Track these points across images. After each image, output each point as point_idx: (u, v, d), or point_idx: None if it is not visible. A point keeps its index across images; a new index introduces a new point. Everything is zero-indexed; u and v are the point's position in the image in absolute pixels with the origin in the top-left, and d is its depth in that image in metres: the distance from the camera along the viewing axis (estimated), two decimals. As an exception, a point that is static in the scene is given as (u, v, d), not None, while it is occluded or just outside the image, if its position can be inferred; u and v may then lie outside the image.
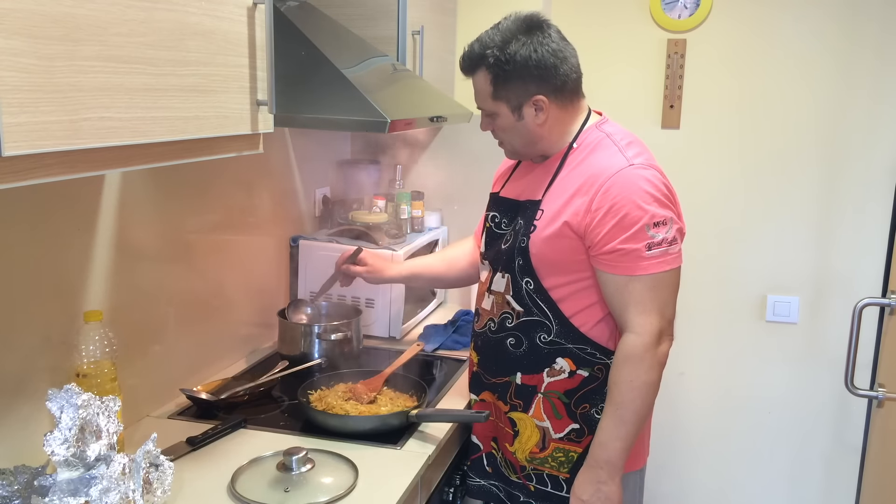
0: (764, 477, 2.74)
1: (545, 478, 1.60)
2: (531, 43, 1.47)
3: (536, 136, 1.54)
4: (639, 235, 1.42)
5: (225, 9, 1.15)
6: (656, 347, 1.46)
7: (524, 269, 1.53)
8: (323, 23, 1.90)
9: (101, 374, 1.39)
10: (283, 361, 1.91)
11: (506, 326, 1.58)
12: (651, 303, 1.45)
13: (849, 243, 2.54)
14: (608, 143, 1.51)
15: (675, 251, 1.46)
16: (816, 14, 2.45)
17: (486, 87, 1.51)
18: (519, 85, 1.49)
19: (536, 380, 1.57)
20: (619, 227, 1.43)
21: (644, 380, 1.45)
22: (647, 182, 1.45)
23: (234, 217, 1.97)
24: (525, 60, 1.46)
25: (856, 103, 2.47)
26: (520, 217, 1.57)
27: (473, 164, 2.52)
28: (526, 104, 1.50)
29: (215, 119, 1.15)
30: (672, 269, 1.46)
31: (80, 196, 1.46)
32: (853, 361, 2.20)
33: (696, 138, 2.62)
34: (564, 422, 1.57)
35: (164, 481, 1.23)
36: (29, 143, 0.82)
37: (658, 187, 1.46)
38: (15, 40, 0.79)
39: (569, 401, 1.56)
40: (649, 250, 1.43)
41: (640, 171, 1.46)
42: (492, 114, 1.55)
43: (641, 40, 2.61)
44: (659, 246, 1.43)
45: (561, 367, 1.55)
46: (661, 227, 1.44)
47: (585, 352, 1.53)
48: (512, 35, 1.48)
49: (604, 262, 1.46)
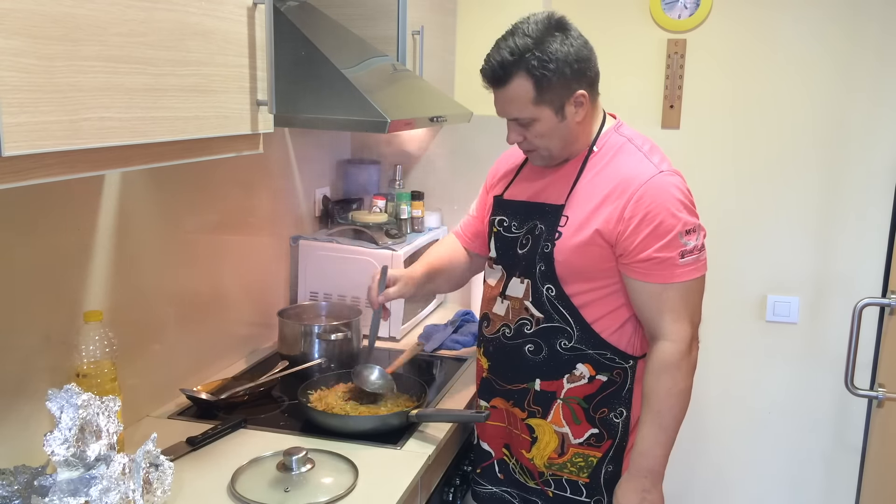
0: (764, 477, 2.74)
1: (564, 483, 1.59)
2: (567, 39, 1.43)
3: (573, 136, 1.50)
4: (673, 244, 1.43)
5: (225, 9, 1.15)
6: (690, 354, 1.48)
7: (546, 276, 1.51)
8: (323, 23, 1.90)
9: (101, 374, 1.39)
10: (283, 361, 1.91)
11: (524, 333, 1.56)
12: (684, 310, 1.46)
13: (849, 243, 2.54)
14: (631, 148, 1.51)
15: (703, 258, 1.48)
16: (816, 15, 2.45)
17: (527, 93, 1.43)
18: (563, 84, 1.43)
19: (556, 386, 1.56)
20: (654, 235, 1.43)
21: (682, 387, 1.47)
22: (677, 189, 1.45)
23: (233, 217, 1.97)
24: (566, 57, 1.41)
25: (856, 103, 2.47)
26: (538, 221, 1.53)
27: (473, 164, 2.52)
28: (568, 102, 1.46)
29: (215, 119, 1.15)
30: (702, 275, 1.48)
31: (80, 196, 1.46)
32: (853, 361, 2.20)
33: (696, 138, 2.62)
34: (584, 427, 1.56)
35: (164, 481, 1.23)
36: (29, 143, 0.82)
37: (686, 194, 1.47)
38: (15, 40, 0.79)
39: (588, 406, 1.55)
40: (682, 258, 1.44)
41: (669, 178, 1.46)
42: (529, 121, 1.47)
43: (641, 40, 2.61)
44: (691, 254, 1.44)
45: (581, 373, 1.54)
46: (692, 234, 1.45)
47: (605, 357, 1.53)
48: (544, 35, 1.41)
49: (637, 270, 1.46)
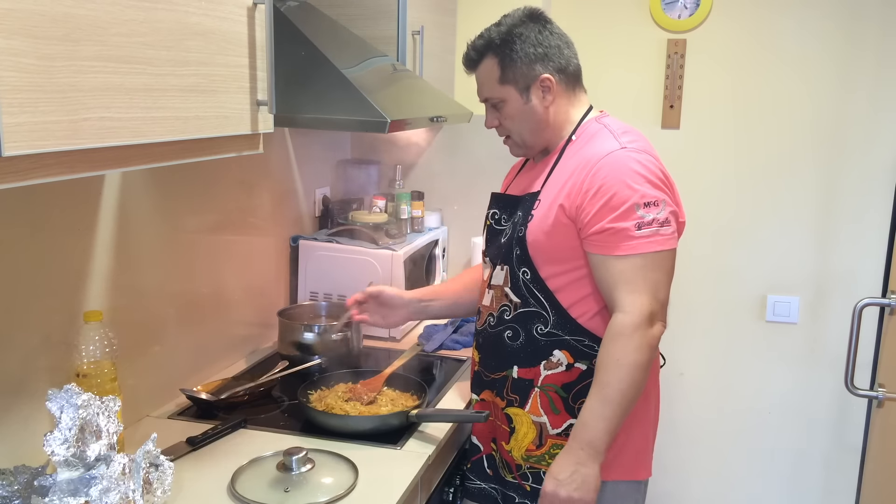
0: (764, 477, 2.74)
1: (542, 476, 1.53)
2: (535, 27, 1.53)
3: (543, 122, 1.55)
4: (628, 214, 1.40)
5: (225, 9, 1.15)
6: (647, 328, 1.41)
7: (521, 259, 1.53)
8: (323, 23, 1.90)
9: (101, 374, 1.39)
10: (283, 361, 1.91)
11: (504, 319, 1.58)
12: (642, 282, 1.41)
13: (849, 243, 2.54)
14: (605, 132, 1.53)
15: (667, 232, 1.43)
16: (816, 15, 2.45)
17: (494, 73, 1.53)
18: (527, 64, 1.51)
19: (533, 373, 1.55)
20: (608, 206, 1.41)
21: (632, 359, 1.40)
22: (638, 164, 1.44)
23: (234, 217, 1.97)
24: (531, 41, 1.51)
25: (856, 103, 2.47)
26: (519, 210, 1.57)
27: (473, 164, 2.52)
28: (534, 85, 1.53)
29: (215, 119, 1.15)
30: (664, 250, 1.42)
31: (80, 196, 1.46)
32: (853, 361, 2.20)
33: (696, 138, 2.62)
34: (562, 417, 1.53)
35: (164, 481, 1.23)
36: (29, 143, 0.82)
37: (651, 170, 1.45)
38: (15, 40, 0.79)
39: (566, 395, 1.53)
40: (639, 230, 1.40)
41: (633, 154, 1.46)
42: (498, 102, 1.56)
43: (641, 40, 2.61)
44: (649, 226, 1.40)
45: (558, 360, 1.52)
46: (651, 207, 1.41)
47: (583, 343, 1.51)
48: (515, 22, 1.53)
49: (593, 243, 1.44)
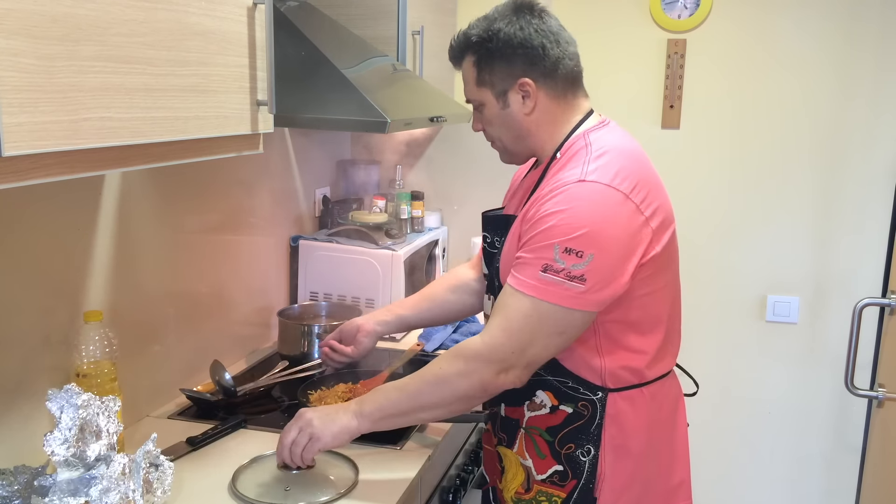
0: (764, 477, 2.74)
1: None
2: (518, 21, 1.33)
3: (524, 130, 1.38)
4: (543, 252, 1.23)
5: (225, 9, 1.15)
6: (493, 372, 1.26)
7: (498, 291, 1.36)
8: (323, 23, 1.90)
9: (101, 374, 1.39)
10: (283, 361, 1.91)
11: None
12: (517, 326, 1.25)
13: (849, 243, 2.54)
14: (581, 155, 1.32)
15: (573, 289, 1.22)
16: (816, 15, 2.46)
17: (471, 73, 1.38)
18: (503, 66, 1.34)
19: (518, 413, 1.43)
20: (534, 238, 1.26)
21: (441, 375, 1.29)
22: (589, 203, 1.25)
23: (233, 217, 1.97)
24: (509, 38, 1.32)
25: (856, 103, 2.47)
26: (505, 233, 1.42)
27: (473, 164, 2.52)
28: (511, 89, 1.35)
29: (215, 119, 1.15)
30: (558, 305, 1.23)
31: (80, 196, 1.46)
32: (853, 361, 2.20)
33: (696, 138, 2.62)
34: (548, 462, 1.40)
35: (164, 481, 1.23)
36: (29, 143, 0.82)
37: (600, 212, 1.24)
38: (15, 40, 0.79)
39: (552, 439, 1.39)
40: (543, 272, 1.22)
41: (586, 190, 1.25)
42: (479, 105, 1.41)
43: (641, 40, 2.61)
44: (556, 274, 1.21)
45: (542, 401, 1.39)
46: (571, 256, 1.21)
47: (567, 385, 1.37)
48: (501, 16, 1.35)
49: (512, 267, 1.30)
